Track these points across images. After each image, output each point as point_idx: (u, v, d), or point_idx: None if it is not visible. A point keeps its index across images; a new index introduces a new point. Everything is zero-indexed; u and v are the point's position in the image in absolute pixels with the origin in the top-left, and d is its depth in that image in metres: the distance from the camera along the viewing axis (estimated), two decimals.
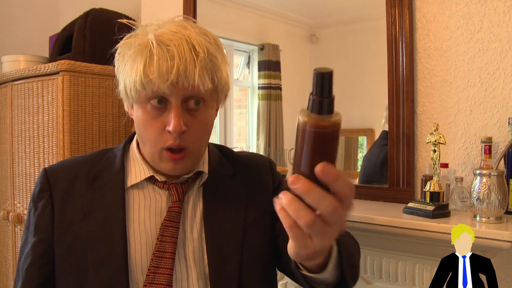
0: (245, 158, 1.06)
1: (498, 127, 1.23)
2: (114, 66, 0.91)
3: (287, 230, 0.55)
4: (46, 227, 0.89)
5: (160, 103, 0.84)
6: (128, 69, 0.84)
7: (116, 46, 0.90)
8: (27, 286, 0.87)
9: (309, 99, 0.53)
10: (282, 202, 0.53)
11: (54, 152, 1.90)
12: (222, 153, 1.04)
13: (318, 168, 0.51)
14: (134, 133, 1.00)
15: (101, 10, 2.17)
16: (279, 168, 1.52)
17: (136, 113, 0.89)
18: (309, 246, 0.55)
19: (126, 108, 0.96)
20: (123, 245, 0.86)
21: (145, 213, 0.91)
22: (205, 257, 0.90)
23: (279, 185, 1.03)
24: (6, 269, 2.18)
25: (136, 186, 0.92)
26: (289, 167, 1.76)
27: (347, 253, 0.74)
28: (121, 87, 0.88)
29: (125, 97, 0.89)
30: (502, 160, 1.15)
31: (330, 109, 0.52)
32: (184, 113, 0.84)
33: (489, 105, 1.25)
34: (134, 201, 0.92)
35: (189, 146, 0.86)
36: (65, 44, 2.19)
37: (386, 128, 1.44)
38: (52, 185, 0.92)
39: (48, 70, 1.90)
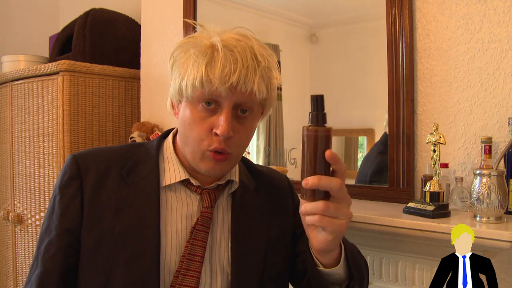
0: (266, 175, 1.07)
1: (498, 127, 1.23)
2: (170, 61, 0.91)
3: (320, 224, 0.76)
4: (75, 217, 0.88)
5: (209, 105, 0.85)
6: (189, 66, 0.85)
7: (179, 43, 0.90)
8: (50, 275, 0.86)
9: (309, 115, 0.76)
10: (305, 211, 0.76)
11: (54, 152, 1.90)
12: (245, 165, 1.05)
13: (327, 154, 0.74)
14: (168, 132, 1.00)
15: (101, 10, 2.17)
16: (279, 168, 1.52)
17: (183, 111, 0.89)
18: (340, 224, 0.76)
19: (168, 106, 0.96)
20: (156, 244, 0.87)
21: (177, 214, 0.91)
22: (229, 265, 0.92)
23: (298, 206, 1.05)
24: (6, 269, 2.18)
25: (169, 187, 0.92)
26: (289, 167, 1.76)
27: (351, 253, 0.88)
28: (175, 84, 0.88)
29: (177, 94, 0.89)
30: (502, 160, 1.15)
31: (324, 120, 0.76)
32: (233, 119, 0.86)
33: (489, 105, 1.25)
34: (167, 201, 0.92)
35: (232, 152, 0.87)
36: (65, 44, 2.19)
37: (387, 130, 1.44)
38: (83, 173, 0.90)
39: (48, 70, 1.90)
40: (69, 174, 0.90)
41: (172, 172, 0.93)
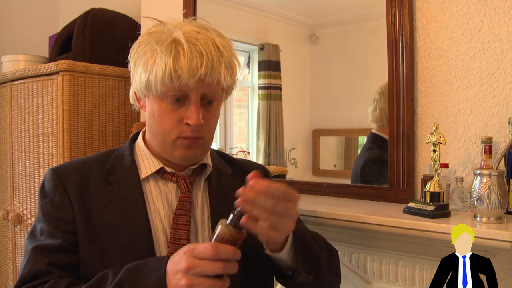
0: (241, 162, 1.14)
1: (499, 127, 1.23)
2: (128, 60, 0.96)
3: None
4: (69, 217, 0.92)
5: (178, 100, 0.91)
6: (156, 61, 0.88)
7: (139, 39, 0.94)
8: (49, 247, 0.89)
9: (232, 214, 0.78)
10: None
11: (54, 152, 1.90)
12: (220, 155, 1.11)
13: (250, 174, 0.79)
14: (137, 134, 1.06)
15: (101, 10, 2.17)
16: (279, 169, 1.52)
17: (151, 105, 0.94)
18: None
19: (132, 100, 1.01)
20: (148, 230, 0.92)
21: (158, 203, 0.97)
22: None
23: None
24: (6, 269, 2.18)
25: (147, 179, 0.98)
26: (289, 167, 1.75)
27: (303, 242, 0.91)
28: (141, 79, 0.91)
29: (144, 89, 0.92)
30: (503, 160, 1.15)
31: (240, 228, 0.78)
32: (201, 108, 0.92)
33: (489, 105, 1.25)
34: (148, 192, 0.97)
35: (203, 136, 0.94)
36: (65, 44, 2.19)
37: (374, 130, 1.49)
38: (64, 180, 0.95)
39: (48, 70, 1.90)
40: (52, 183, 0.95)
41: (147, 165, 0.98)
